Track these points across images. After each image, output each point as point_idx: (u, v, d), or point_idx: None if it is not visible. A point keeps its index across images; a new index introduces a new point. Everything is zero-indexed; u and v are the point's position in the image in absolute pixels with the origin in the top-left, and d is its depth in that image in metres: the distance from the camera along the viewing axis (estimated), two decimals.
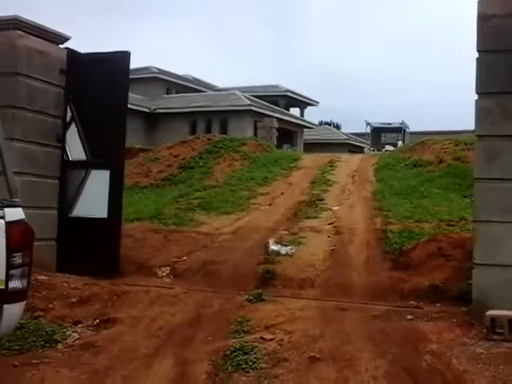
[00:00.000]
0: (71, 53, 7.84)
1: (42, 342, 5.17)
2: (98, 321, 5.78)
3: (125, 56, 7.80)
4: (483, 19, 5.60)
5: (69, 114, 7.84)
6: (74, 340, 5.33)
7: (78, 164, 7.80)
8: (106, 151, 7.68)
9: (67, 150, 7.83)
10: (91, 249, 7.51)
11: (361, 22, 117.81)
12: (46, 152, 7.60)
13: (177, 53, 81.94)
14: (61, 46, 7.81)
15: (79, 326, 5.69)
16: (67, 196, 7.82)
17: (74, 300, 6.19)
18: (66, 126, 7.82)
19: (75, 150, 7.83)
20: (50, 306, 5.99)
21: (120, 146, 7.91)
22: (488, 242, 5.46)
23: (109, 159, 7.69)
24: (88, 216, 7.68)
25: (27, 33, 7.30)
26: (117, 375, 4.64)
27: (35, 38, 7.40)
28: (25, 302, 3.76)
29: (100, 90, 7.73)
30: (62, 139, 7.80)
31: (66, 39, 7.77)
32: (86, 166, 7.80)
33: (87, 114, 7.80)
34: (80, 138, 7.81)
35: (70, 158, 7.84)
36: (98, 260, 7.47)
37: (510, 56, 5.52)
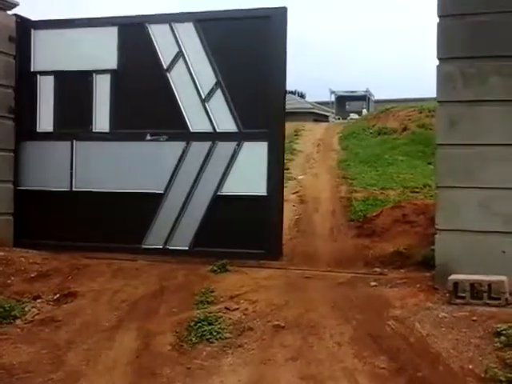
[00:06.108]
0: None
1: (0, 319, 5.04)
2: (58, 295, 5.65)
3: (282, 13, 6.73)
4: None
5: (212, 80, 6.97)
6: (34, 315, 5.21)
7: (228, 136, 6.92)
8: (263, 121, 6.79)
9: (212, 120, 6.99)
10: (246, 230, 6.78)
11: None
12: None
13: None
14: (8, 12, 7.43)
15: (39, 301, 5.55)
16: (215, 171, 6.96)
17: (33, 275, 6.04)
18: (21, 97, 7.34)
19: (222, 120, 6.96)
20: (8, 281, 5.84)
21: (280, 114, 6.91)
22: (450, 208, 5.48)
23: (267, 130, 6.78)
24: (242, 194, 6.86)
25: None
26: (79, 349, 4.56)
27: None
28: None
29: (252, 52, 6.85)
30: (14, 110, 7.30)
31: (13, 5, 7.42)
32: (237, 137, 6.91)
33: (236, 80, 6.92)
34: (228, 107, 6.93)
35: (217, 130, 6.98)
36: (256, 242, 6.74)
37: (470, 20, 5.46)
